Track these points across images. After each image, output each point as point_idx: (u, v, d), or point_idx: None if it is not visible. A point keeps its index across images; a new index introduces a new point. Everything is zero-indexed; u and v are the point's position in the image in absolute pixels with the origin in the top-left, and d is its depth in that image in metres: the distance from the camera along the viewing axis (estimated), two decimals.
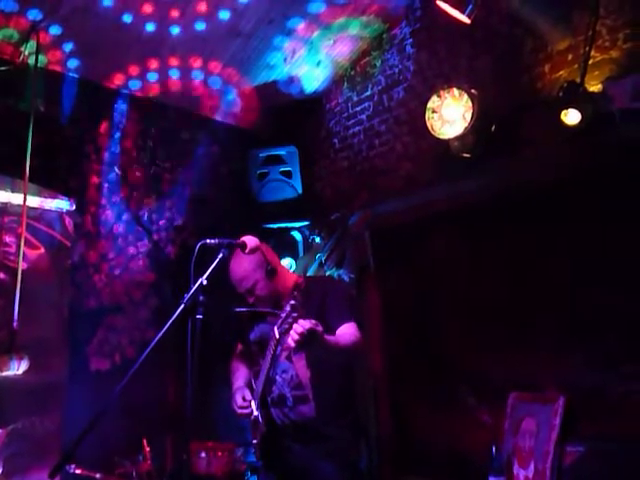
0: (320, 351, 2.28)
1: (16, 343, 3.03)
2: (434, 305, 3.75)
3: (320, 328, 2.14)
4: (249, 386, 2.63)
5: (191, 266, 2.08)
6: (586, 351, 3.02)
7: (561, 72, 3.17)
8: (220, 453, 3.42)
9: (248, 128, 4.58)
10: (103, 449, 3.21)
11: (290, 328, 2.12)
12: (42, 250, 3.47)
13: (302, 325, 2.09)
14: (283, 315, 2.17)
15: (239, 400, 2.57)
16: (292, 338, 2.10)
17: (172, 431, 3.74)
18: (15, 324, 3.03)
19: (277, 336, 2.25)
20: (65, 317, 3.52)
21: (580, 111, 2.87)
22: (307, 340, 2.10)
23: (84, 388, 3.34)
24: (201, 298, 2.07)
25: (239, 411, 2.57)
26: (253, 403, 2.53)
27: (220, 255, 2.16)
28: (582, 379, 3.00)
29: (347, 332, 2.40)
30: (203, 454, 3.41)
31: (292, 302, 2.14)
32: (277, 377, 2.48)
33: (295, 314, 2.13)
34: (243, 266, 2.49)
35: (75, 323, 3.56)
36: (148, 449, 3.21)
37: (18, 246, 3.22)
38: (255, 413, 2.51)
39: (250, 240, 2.33)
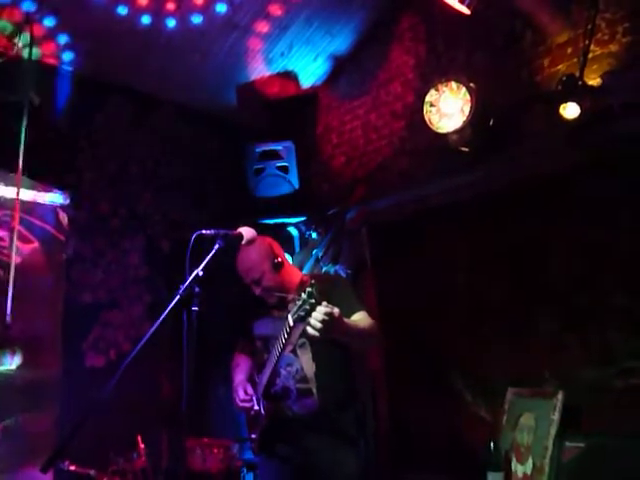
0: (332, 341, 2.18)
1: (9, 338, 2.99)
2: (431, 301, 3.72)
3: (337, 311, 2.03)
4: (251, 380, 2.60)
5: (187, 256, 2.05)
6: (585, 346, 3.00)
7: (560, 66, 3.15)
8: (216, 450, 3.38)
9: (245, 123, 4.55)
10: (97, 446, 3.18)
11: (307, 315, 2.00)
12: (36, 244, 3.42)
13: (321, 311, 1.98)
14: (299, 302, 2.03)
15: (241, 394, 2.55)
16: (314, 326, 1.98)
17: (167, 427, 3.70)
18: (8, 319, 2.99)
19: (291, 323, 2.13)
20: (60, 312, 3.47)
21: (579, 105, 2.85)
22: (329, 326, 1.98)
23: (79, 385, 3.29)
24: (197, 290, 2.03)
25: (241, 405, 2.55)
26: (254, 397, 2.50)
27: (216, 246, 2.12)
28: (581, 374, 2.99)
29: (363, 318, 2.37)
30: (198, 451, 3.38)
31: (309, 289, 2.00)
32: (281, 370, 2.46)
33: (313, 300, 2.00)
34: (251, 256, 2.48)
35: (70, 318, 3.51)
36: (143, 446, 3.18)
37: (11, 240, 3.18)
38: (256, 407, 2.48)
39: (247, 231, 2.30)
